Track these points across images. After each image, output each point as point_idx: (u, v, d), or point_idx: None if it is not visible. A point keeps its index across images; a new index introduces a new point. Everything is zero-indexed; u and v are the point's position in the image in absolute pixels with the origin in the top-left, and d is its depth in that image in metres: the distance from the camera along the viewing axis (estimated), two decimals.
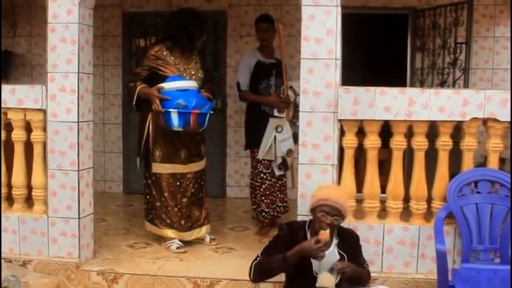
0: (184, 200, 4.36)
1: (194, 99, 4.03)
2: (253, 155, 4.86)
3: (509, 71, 5.98)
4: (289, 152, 4.70)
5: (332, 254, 3.11)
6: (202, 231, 4.46)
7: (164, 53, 4.27)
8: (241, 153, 6.11)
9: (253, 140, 4.85)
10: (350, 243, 3.21)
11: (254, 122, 4.87)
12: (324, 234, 2.97)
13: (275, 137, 4.66)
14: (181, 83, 4.09)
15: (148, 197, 4.42)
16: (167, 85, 4.06)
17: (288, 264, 3.03)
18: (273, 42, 4.98)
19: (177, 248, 4.27)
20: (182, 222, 4.35)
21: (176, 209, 4.33)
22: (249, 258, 3.72)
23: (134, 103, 4.24)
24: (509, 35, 5.99)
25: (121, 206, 5.97)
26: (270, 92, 4.84)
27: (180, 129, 4.05)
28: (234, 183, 6.36)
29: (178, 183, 4.34)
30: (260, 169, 4.81)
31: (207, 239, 4.48)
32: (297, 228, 3.28)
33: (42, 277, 3.79)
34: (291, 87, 4.62)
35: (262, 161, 4.77)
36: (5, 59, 6.47)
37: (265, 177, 4.82)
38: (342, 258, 3.09)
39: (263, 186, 4.82)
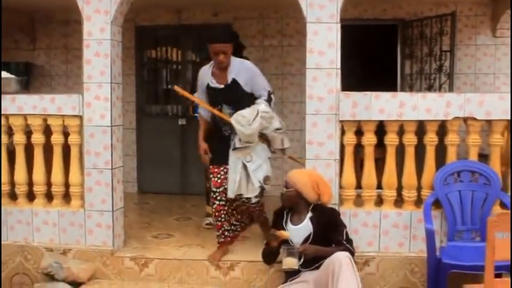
0: None
1: None
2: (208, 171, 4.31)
3: (489, 75, 6.56)
4: (267, 178, 4.06)
5: (306, 226, 3.71)
6: None
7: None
8: None
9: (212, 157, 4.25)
10: (324, 217, 3.72)
11: (212, 140, 4.29)
12: (281, 234, 3.71)
13: (245, 167, 4.00)
14: None
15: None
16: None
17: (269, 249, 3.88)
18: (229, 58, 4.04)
19: (206, 224, 5.21)
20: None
21: None
22: (260, 244, 4.23)
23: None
24: (489, 42, 6.58)
25: (138, 204, 6.47)
26: (217, 123, 4.18)
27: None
28: None
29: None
30: (211, 187, 4.22)
31: None
32: (280, 211, 3.93)
33: (82, 263, 4.26)
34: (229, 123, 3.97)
35: (212, 178, 4.15)
36: (26, 70, 6.99)
37: (214, 196, 4.18)
38: (315, 231, 3.67)
39: (213, 207, 4.22)
